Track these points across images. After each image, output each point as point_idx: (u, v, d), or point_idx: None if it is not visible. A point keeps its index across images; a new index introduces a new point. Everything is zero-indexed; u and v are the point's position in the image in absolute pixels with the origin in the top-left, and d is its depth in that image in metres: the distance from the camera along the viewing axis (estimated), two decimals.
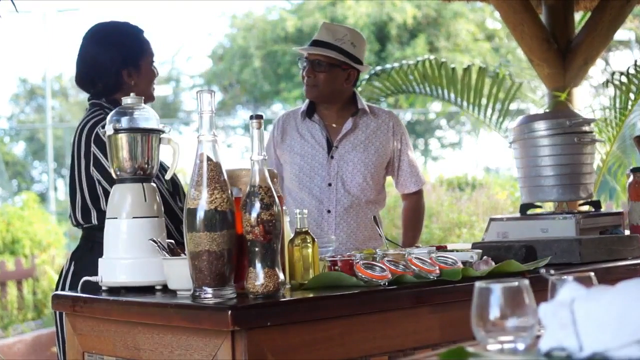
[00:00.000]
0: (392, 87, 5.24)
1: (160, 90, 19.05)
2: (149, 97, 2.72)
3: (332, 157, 3.45)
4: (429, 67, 5.15)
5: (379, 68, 5.38)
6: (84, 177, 2.67)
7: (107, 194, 2.60)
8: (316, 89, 3.43)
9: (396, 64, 5.35)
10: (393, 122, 3.54)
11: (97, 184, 2.64)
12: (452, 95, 5.19)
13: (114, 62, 2.78)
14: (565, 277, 1.52)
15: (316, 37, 3.46)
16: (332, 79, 3.41)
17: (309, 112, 3.51)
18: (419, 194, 3.63)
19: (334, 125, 3.51)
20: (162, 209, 2.25)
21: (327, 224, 3.40)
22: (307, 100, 3.53)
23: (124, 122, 2.20)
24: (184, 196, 2.78)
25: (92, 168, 2.64)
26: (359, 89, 5.24)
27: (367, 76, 5.38)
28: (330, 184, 3.43)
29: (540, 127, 3.06)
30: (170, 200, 2.73)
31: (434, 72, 5.14)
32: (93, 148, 2.64)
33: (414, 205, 3.64)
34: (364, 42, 3.52)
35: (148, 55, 2.86)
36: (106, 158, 2.60)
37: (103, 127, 2.58)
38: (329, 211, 3.41)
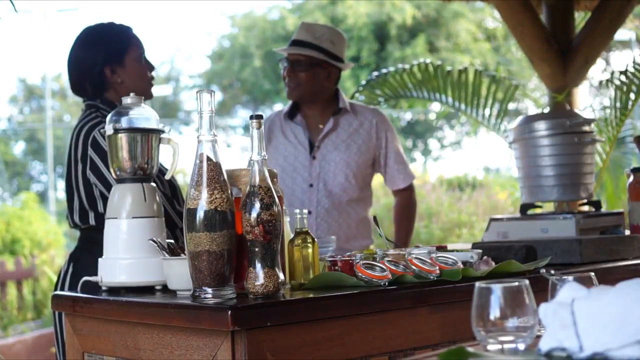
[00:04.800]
0: (390, 92, 5.25)
1: (160, 90, 19.04)
2: (143, 93, 2.70)
3: (314, 158, 3.45)
4: (424, 71, 5.16)
5: (375, 74, 5.39)
6: (81, 180, 2.67)
7: (103, 197, 2.60)
8: (297, 89, 3.43)
9: (392, 68, 5.36)
10: (377, 120, 3.53)
11: (94, 187, 2.64)
12: (450, 99, 5.20)
13: (96, 62, 2.78)
14: (565, 277, 1.52)
15: (295, 37, 3.47)
16: (312, 78, 3.42)
17: (292, 113, 3.51)
18: (409, 190, 3.62)
19: (316, 125, 3.50)
20: (162, 209, 2.25)
21: (307, 225, 3.39)
22: (290, 101, 3.53)
23: (124, 122, 2.20)
24: (182, 198, 2.79)
25: (88, 172, 2.64)
26: (356, 94, 5.25)
27: (364, 82, 5.39)
28: (311, 185, 3.42)
29: (541, 127, 3.06)
30: (167, 204, 2.73)
31: (430, 75, 5.15)
32: (90, 152, 2.64)
33: (405, 202, 3.63)
34: (343, 40, 3.53)
35: (133, 50, 2.84)
36: (103, 162, 2.61)
37: (100, 130, 2.58)
38: (309, 212, 3.40)
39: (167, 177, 2.38)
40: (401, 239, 3.55)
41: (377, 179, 3.67)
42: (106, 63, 2.78)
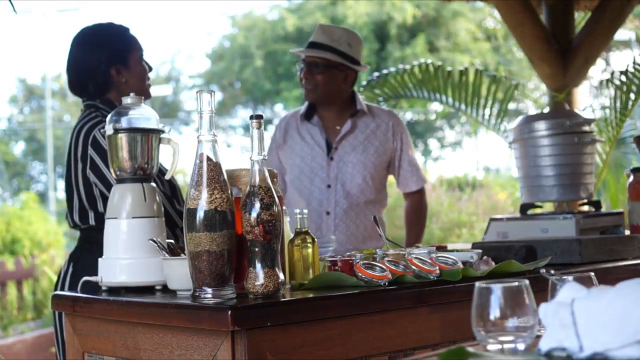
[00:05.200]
0: (390, 92, 5.25)
1: (160, 90, 19.05)
2: (144, 93, 2.71)
3: (331, 159, 3.45)
4: (425, 71, 5.16)
5: (376, 74, 5.38)
6: (81, 179, 2.67)
7: (103, 196, 2.60)
8: (315, 91, 3.43)
9: (393, 69, 5.36)
10: (393, 122, 3.54)
11: (94, 186, 2.65)
12: (450, 99, 5.20)
13: (101, 62, 2.79)
14: (565, 277, 1.52)
15: (312, 39, 3.47)
16: (330, 81, 3.42)
17: (309, 114, 3.52)
18: (420, 193, 3.64)
19: (333, 126, 3.51)
20: (162, 209, 2.25)
21: (326, 225, 3.40)
22: (306, 102, 3.54)
23: (124, 122, 2.20)
24: (182, 198, 2.80)
25: (88, 171, 2.64)
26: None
27: (364, 82, 5.38)
28: (329, 186, 3.43)
29: (541, 127, 3.06)
30: (167, 203, 2.73)
31: (430, 76, 5.15)
32: (90, 151, 2.64)
33: (416, 204, 3.64)
34: (360, 42, 3.52)
35: (135, 50, 2.86)
36: (103, 161, 2.61)
37: (100, 130, 2.59)
38: (328, 213, 3.41)
39: (167, 177, 2.37)
40: (411, 242, 3.55)
41: None
42: (112, 63, 2.79)
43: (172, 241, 2.18)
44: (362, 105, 3.53)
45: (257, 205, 1.81)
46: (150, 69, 2.91)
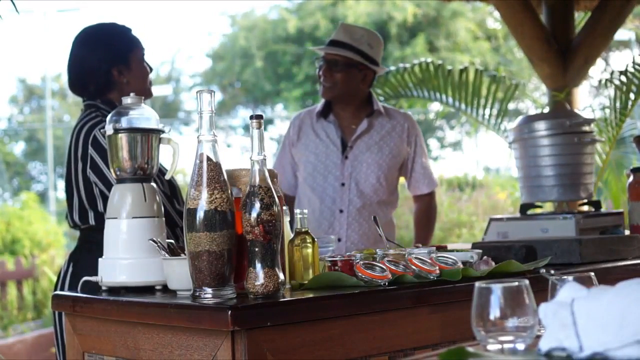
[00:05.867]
0: (390, 91, 5.25)
1: (160, 90, 19.04)
2: (145, 94, 2.71)
3: (346, 158, 3.47)
4: (425, 70, 5.16)
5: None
6: (81, 179, 2.67)
7: (103, 195, 2.60)
8: (332, 89, 3.44)
9: (393, 68, 5.36)
10: (408, 124, 3.56)
11: (94, 185, 2.64)
12: (450, 99, 5.20)
13: (102, 62, 2.78)
14: (565, 277, 1.52)
15: (334, 37, 3.48)
16: (348, 79, 3.43)
17: (325, 112, 3.53)
18: (430, 196, 3.66)
19: (349, 125, 3.52)
20: (162, 209, 2.25)
21: (339, 223, 3.42)
22: (322, 100, 3.54)
23: (124, 122, 2.20)
24: (182, 198, 2.80)
25: (88, 170, 2.64)
26: None
27: None
28: (343, 184, 3.44)
29: (540, 127, 3.06)
30: (167, 203, 2.73)
31: (430, 75, 5.15)
32: (90, 150, 2.64)
33: (426, 207, 3.66)
34: (380, 43, 3.54)
35: (137, 51, 2.85)
36: (103, 161, 2.61)
37: (100, 129, 2.59)
38: (341, 211, 3.42)
39: (167, 177, 2.37)
40: (420, 242, 3.56)
41: None
42: (113, 63, 2.79)
43: (172, 241, 2.18)
44: (379, 105, 3.55)
45: (257, 205, 1.81)
46: (151, 69, 2.91)
